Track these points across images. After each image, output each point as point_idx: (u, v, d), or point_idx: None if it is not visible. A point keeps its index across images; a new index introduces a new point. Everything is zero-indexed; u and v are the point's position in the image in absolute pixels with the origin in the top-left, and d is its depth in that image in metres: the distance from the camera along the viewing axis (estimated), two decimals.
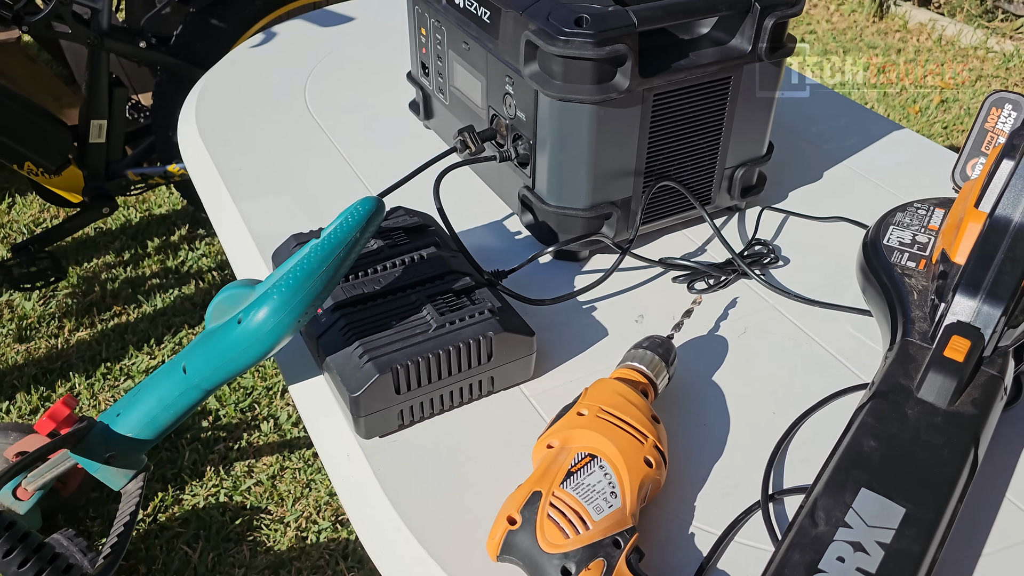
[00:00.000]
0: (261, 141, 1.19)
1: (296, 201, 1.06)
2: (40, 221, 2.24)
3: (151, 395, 0.78)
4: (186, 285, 2.05)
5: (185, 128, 1.25)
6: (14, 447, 1.41)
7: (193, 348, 0.75)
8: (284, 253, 0.85)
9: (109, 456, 0.80)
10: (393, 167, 1.13)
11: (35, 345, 1.87)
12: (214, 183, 1.11)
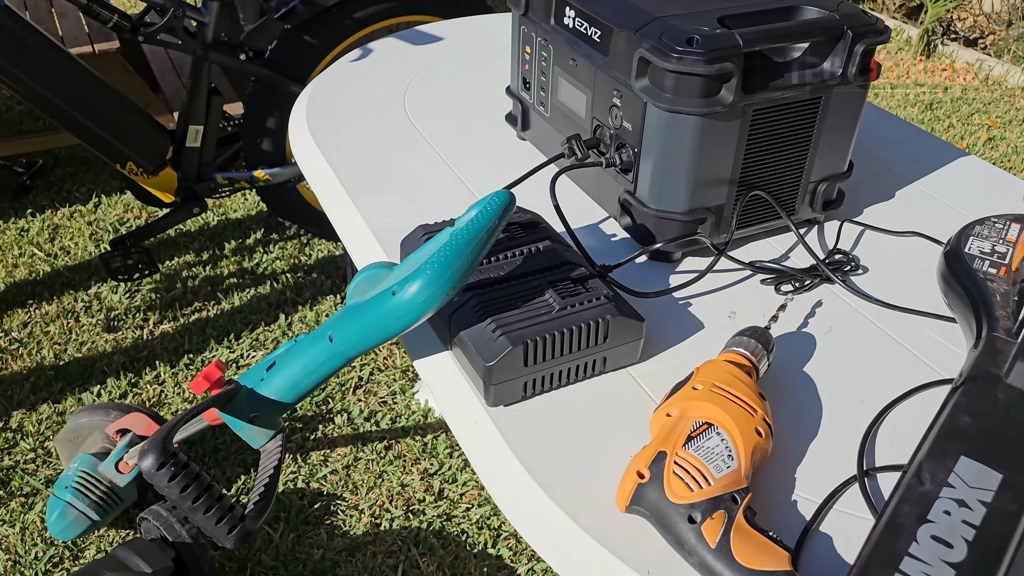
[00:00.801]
0: (368, 145, 1.29)
1: (406, 198, 1.15)
2: (124, 220, 2.37)
3: (296, 362, 0.87)
4: (261, 285, 2.15)
5: (297, 132, 1.35)
6: (116, 424, 1.51)
7: (340, 319, 0.84)
8: (413, 241, 0.94)
9: (253, 416, 0.89)
10: (491, 171, 1.22)
11: (122, 335, 1.97)
12: (330, 182, 1.21)
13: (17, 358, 1.90)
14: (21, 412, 1.77)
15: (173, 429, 0.80)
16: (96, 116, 1.75)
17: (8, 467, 1.65)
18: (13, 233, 2.30)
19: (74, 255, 2.23)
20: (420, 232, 0.94)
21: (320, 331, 0.86)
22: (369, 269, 0.87)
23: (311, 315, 2.06)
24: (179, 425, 0.83)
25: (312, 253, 2.29)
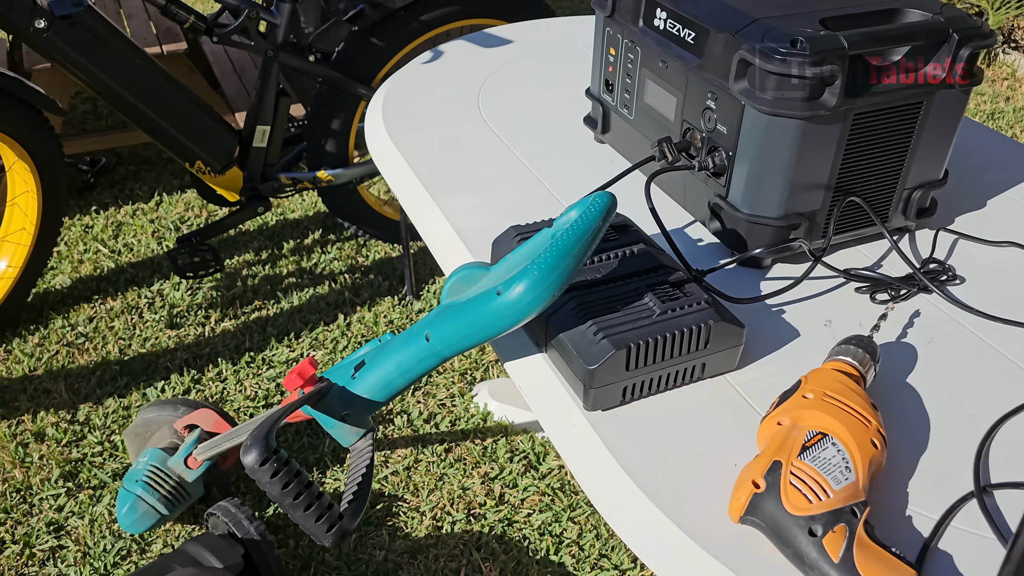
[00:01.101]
0: (446, 146, 1.28)
1: (487, 199, 1.15)
2: (185, 218, 2.40)
3: (389, 361, 0.87)
4: (320, 285, 2.16)
5: (375, 132, 1.35)
6: (184, 419, 1.52)
7: (437, 318, 0.83)
8: (506, 242, 0.93)
9: (344, 414, 0.88)
10: (570, 173, 1.21)
11: (184, 332, 1.99)
12: (411, 182, 1.21)
13: (84, 352, 1.93)
14: (88, 406, 1.79)
15: (275, 424, 0.79)
16: (170, 116, 1.78)
17: (77, 459, 1.67)
18: (78, 230, 2.33)
19: (137, 252, 2.26)
20: (512, 233, 0.94)
21: (415, 330, 0.86)
22: (464, 269, 0.87)
23: (369, 316, 2.07)
24: (280, 421, 0.83)
25: (369, 254, 2.30)
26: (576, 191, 1.16)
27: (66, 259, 2.22)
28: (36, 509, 1.58)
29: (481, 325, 0.78)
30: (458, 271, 0.87)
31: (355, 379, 0.87)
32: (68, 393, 1.82)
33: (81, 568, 1.48)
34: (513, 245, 0.91)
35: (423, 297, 2.15)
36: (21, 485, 1.62)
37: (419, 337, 0.84)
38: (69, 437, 1.72)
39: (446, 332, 0.82)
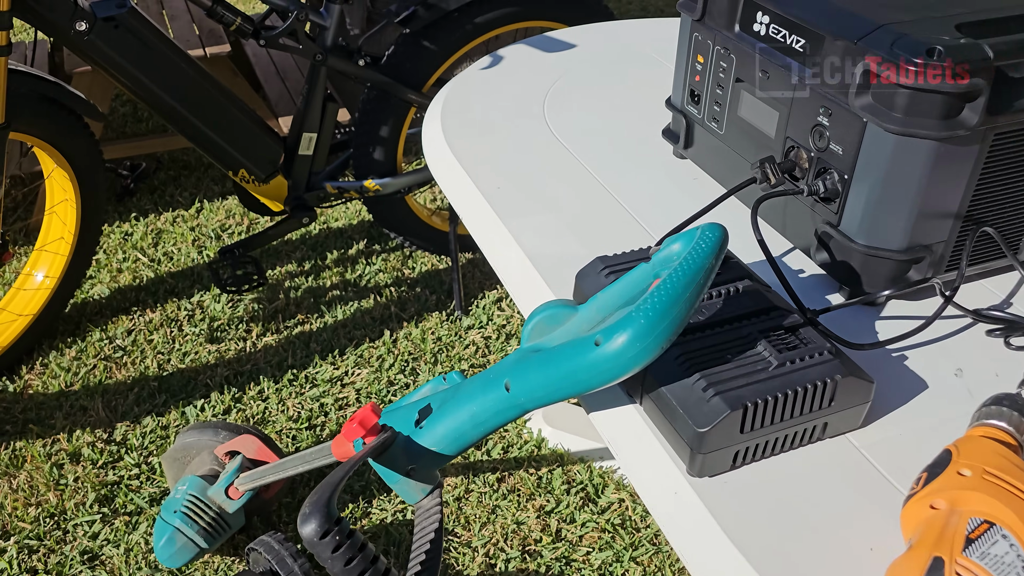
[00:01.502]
0: (511, 160, 1.18)
1: (560, 220, 1.04)
2: (226, 226, 2.33)
3: (461, 410, 0.77)
4: (365, 299, 2.08)
5: (434, 145, 1.25)
6: (225, 445, 1.43)
7: (520, 366, 0.73)
8: (593, 277, 0.82)
9: (410, 469, 0.78)
10: (650, 192, 1.10)
11: (225, 347, 1.92)
12: (476, 201, 1.11)
13: (121, 367, 1.86)
14: (125, 424, 1.72)
15: (336, 489, 0.70)
16: (213, 122, 1.70)
17: (112, 483, 1.60)
18: (117, 237, 2.27)
19: (177, 261, 2.19)
20: (599, 266, 0.83)
21: (492, 377, 0.76)
22: (548, 308, 0.76)
23: (416, 332, 1.97)
24: (342, 483, 0.73)
25: (416, 266, 2.21)
26: (659, 213, 1.05)
27: (105, 268, 2.16)
28: (70, 536, 1.51)
29: (574, 379, 0.68)
30: (542, 310, 0.76)
31: (422, 428, 0.78)
32: (105, 411, 1.75)
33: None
34: (603, 281, 0.80)
35: (472, 313, 2.05)
36: (55, 509, 1.54)
37: (497, 385, 0.74)
38: (105, 458, 1.64)
39: (531, 383, 0.71)
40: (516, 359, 0.75)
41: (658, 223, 1.03)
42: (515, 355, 0.76)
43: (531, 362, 0.72)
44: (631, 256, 0.84)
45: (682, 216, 1.03)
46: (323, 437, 1.71)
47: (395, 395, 1.82)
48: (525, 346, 0.76)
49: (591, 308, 0.75)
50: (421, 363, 1.90)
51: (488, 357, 1.92)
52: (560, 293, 0.91)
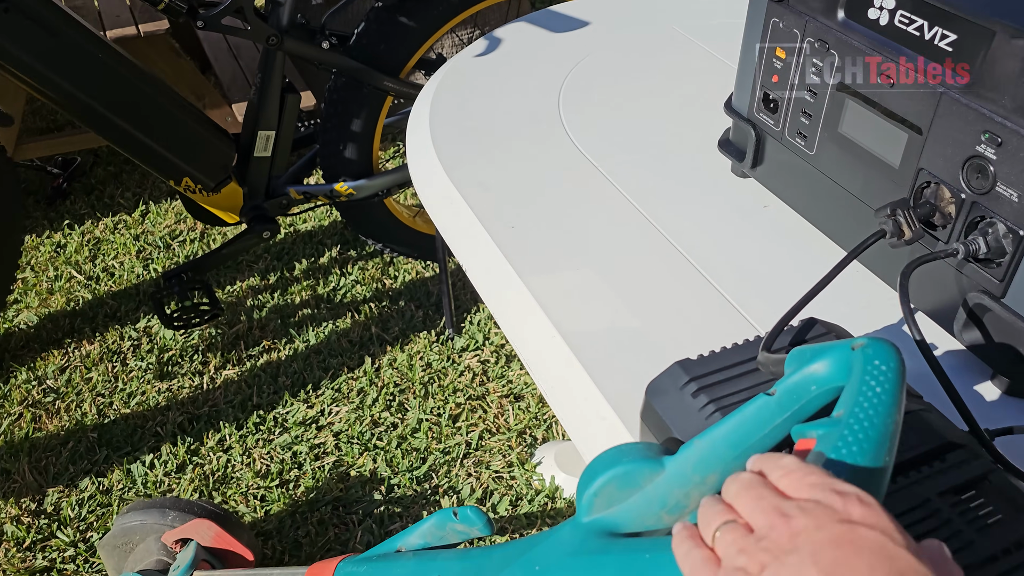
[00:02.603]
0: (525, 184, 0.91)
1: (601, 278, 0.77)
2: (176, 233, 2.02)
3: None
4: (341, 318, 1.80)
5: (422, 162, 0.97)
6: (174, 533, 1.17)
7: (586, 565, 0.47)
8: (672, 395, 0.55)
9: None
10: (713, 229, 0.83)
11: (178, 384, 1.64)
12: (483, 246, 0.83)
13: (53, 415, 1.57)
14: (58, 490, 1.44)
15: None
16: (144, 123, 1.39)
17: (42, 569, 1.32)
18: (48, 250, 1.96)
19: (119, 278, 1.89)
20: (681, 378, 0.56)
21: (543, 573, 0.50)
22: (624, 464, 0.49)
23: (402, 357, 1.70)
24: None
25: (398, 275, 1.93)
26: (727, 258, 0.79)
27: (33, 289, 1.85)
28: None
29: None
30: (612, 463, 0.49)
31: None
32: (33, 473, 1.46)
33: None
34: (690, 408, 0.53)
35: (466, 331, 1.78)
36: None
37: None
38: (33, 536, 1.37)
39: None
40: (576, 548, 0.48)
41: (729, 275, 0.77)
42: (569, 533, 0.49)
43: (607, 567, 0.46)
44: (727, 360, 0.56)
45: (757, 262, 0.77)
46: (296, 497, 1.44)
47: (380, 438, 1.55)
48: (587, 520, 0.50)
49: (686, 463, 0.48)
50: (409, 396, 1.63)
51: (487, 385, 1.66)
52: (615, 395, 0.65)
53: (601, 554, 0.47)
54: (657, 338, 0.71)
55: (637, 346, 0.70)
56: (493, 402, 1.64)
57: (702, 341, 0.65)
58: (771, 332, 0.56)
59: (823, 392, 0.48)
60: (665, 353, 0.69)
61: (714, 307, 0.74)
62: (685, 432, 0.51)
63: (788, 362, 0.50)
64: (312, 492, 1.45)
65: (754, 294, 0.74)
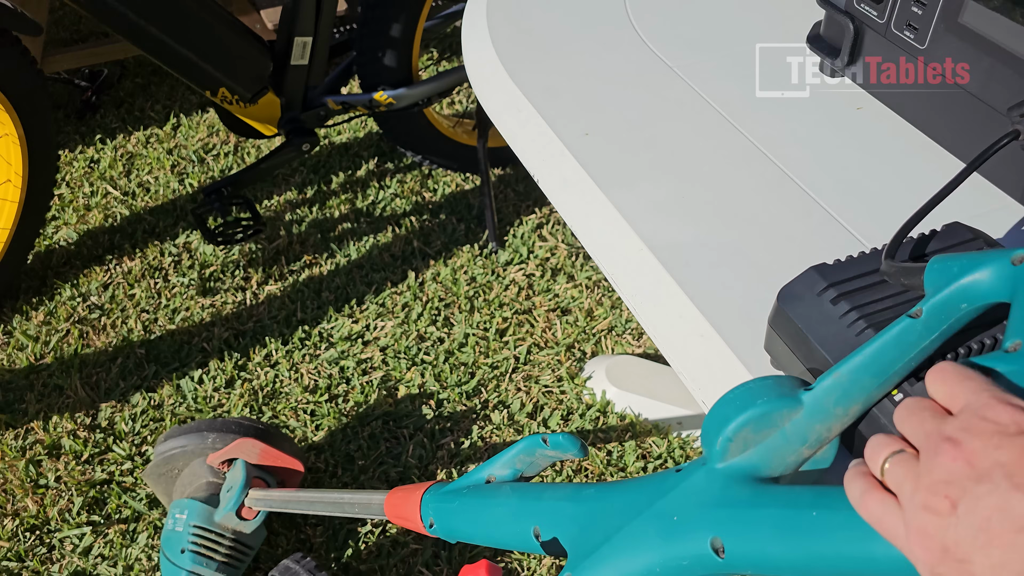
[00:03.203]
0: (596, 90, 0.85)
1: (686, 188, 0.72)
2: (210, 147, 1.98)
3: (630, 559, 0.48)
4: (381, 232, 1.76)
5: (483, 70, 0.91)
6: (219, 455, 1.16)
7: (733, 517, 0.43)
8: (809, 302, 0.50)
9: None
10: (803, 133, 0.78)
11: (221, 300, 1.62)
12: (556, 155, 0.78)
13: (100, 331, 1.57)
14: (110, 405, 1.44)
15: None
16: (180, 32, 1.33)
17: (101, 482, 1.34)
18: (82, 165, 1.93)
19: (155, 193, 1.85)
20: (818, 284, 0.51)
21: (680, 524, 0.46)
22: (756, 405, 0.45)
23: (446, 272, 1.67)
24: None
25: (437, 188, 1.88)
26: (826, 170, 0.73)
27: (70, 206, 1.82)
28: (57, 553, 1.26)
29: (855, 570, 0.39)
30: (744, 407, 0.45)
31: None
32: (85, 389, 1.47)
33: None
34: (839, 322, 0.49)
35: (509, 244, 1.74)
36: (36, 520, 1.29)
37: (696, 539, 0.44)
38: (90, 450, 1.37)
39: (766, 555, 0.42)
40: (720, 499, 0.45)
41: (826, 184, 0.72)
42: (705, 481, 0.46)
43: (765, 523, 0.42)
44: (865, 267, 0.51)
45: (857, 171, 0.72)
46: (346, 411, 1.44)
47: (427, 353, 1.53)
48: (721, 467, 0.46)
49: (827, 398, 0.44)
50: (455, 311, 1.61)
51: (533, 299, 1.63)
52: (713, 312, 0.61)
53: (753, 507, 0.43)
54: (753, 252, 0.66)
55: (732, 261, 0.66)
56: (540, 316, 1.61)
57: (804, 256, 0.61)
58: (895, 238, 0.51)
59: (972, 310, 0.44)
60: (763, 268, 0.65)
61: (813, 219, 0.69)
62: (824, 339, 0.47)
63: (929, 272, 0.45)
64: (361, 407, 1.45)
65: (857, 205, 0.70)
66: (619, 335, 1.59)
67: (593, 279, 1.68)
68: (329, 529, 1.28)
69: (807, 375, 0.50)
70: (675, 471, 0.50)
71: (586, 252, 1.73)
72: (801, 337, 0.49)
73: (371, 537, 1.28)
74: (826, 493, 0.41)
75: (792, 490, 0.42)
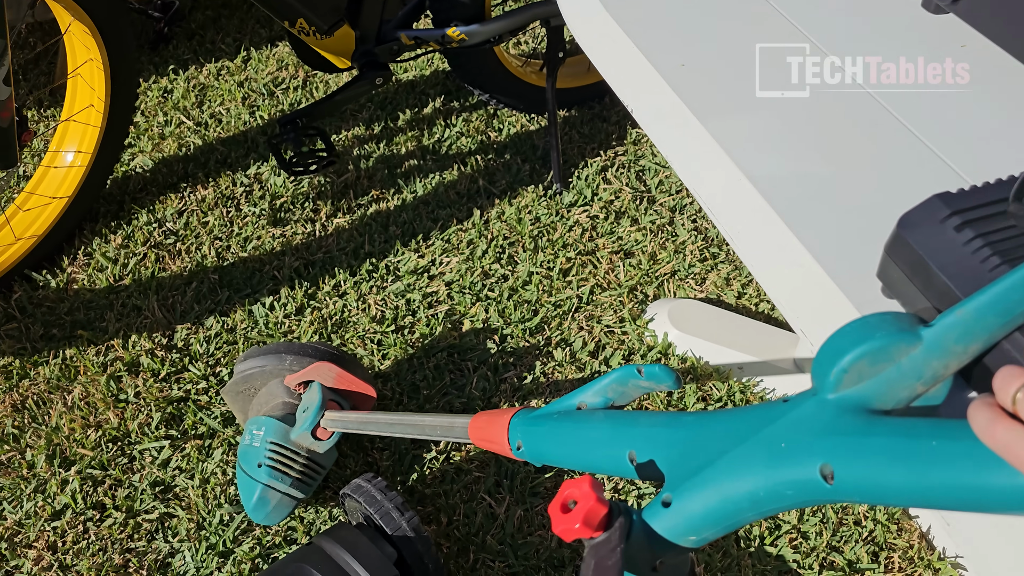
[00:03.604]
0: (689, 20, 0.85)
1: (786, 123, 0.72)
2: (279, 81, 2.00)
3: (732, 485, 0.49)
4: (447, 170, 1.77)
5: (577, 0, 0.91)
6: (297, 376, 1.20)
7: (844, 443, 0.44)
8: (930, 230, 0.51)
9: (659, 563, 0.53)
10: (906, 72, 0.77)
11: (291, 230, 1.66)
12: (654, 88, 0.78)
13: (176, 256, 1.62)
14: (186, 327, 1.49)
15: None
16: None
17: (178, 399, 1.39)
18: (156, 95, 1.96)
19: (226, 124, 1.88)
20: (941, 211, 0.51)
21: (785, 448, 0.47)
22: (874, 338, 0.45)
23: (510, 211, 1.68)
24: None
25: (502, 127, 1.88)
26: (929, 107, 0.73)
27: (145, 134, 1.87)
28: (137, 464, 1.32)
29: (967, 499, 0.40)
30: (860, 340, 0.46)
31: (668, 509, 0.51)
32: (162, 310, 1.52)
33: (196, 544, 1.23)
34: (963, 249, 0.49)
35: (574, 186, 1.74)
36: (118, 432, 1.35)
37: (803, 465, 0.45)
38: (167, 369, 1.43)
39: (877, 481, 0.43)
40: (830, 427, 0.46)
41: (928, 121, 0.71)
42: (815, 410, 0.47)
43: (879, 451, 0.43)
44: (989, 196, 0.51)
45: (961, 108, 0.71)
46: (412, 342, 1.47)
47: (491, 289, 1.56)
48: (833, 397, 0.47)
49: (948, 335, 0.45)
50: (519, 249, 1.62)
51: (596, 241, 1.64)
52: (813, 242, 0.61)
53: (865, 436, 0.44)
54: (854, 186, 0.66)
55: (832, 194, 0.66)
56: (603, 258, 1.62)
57: (909, 192, 0.61)
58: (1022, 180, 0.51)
59: None
60: (864, 202, 0.65)
61: (913, 156, 0.69)
62: (945, 267, 0.48)
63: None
64: (427, 339, 1.48)
65: (960, 143, 0.69)
66: (681, 279, 1.59)
67: (657, 223, 1.68)
68: (395, 454, 1.33)
69: (922, 301, 0.50)
70: (781, 401, 0.51)
71: (651, 196, 1.73)
72: (921, 265, 0.49)
73: (435, 463, 1.32)
74: (944, 424, 0.41)
75: (908, 421, 0.43)
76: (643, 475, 0.58)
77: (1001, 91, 0.74)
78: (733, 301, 1.57)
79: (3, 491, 1.28)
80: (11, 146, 1.30)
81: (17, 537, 1.24)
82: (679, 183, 1.76)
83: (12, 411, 1.38)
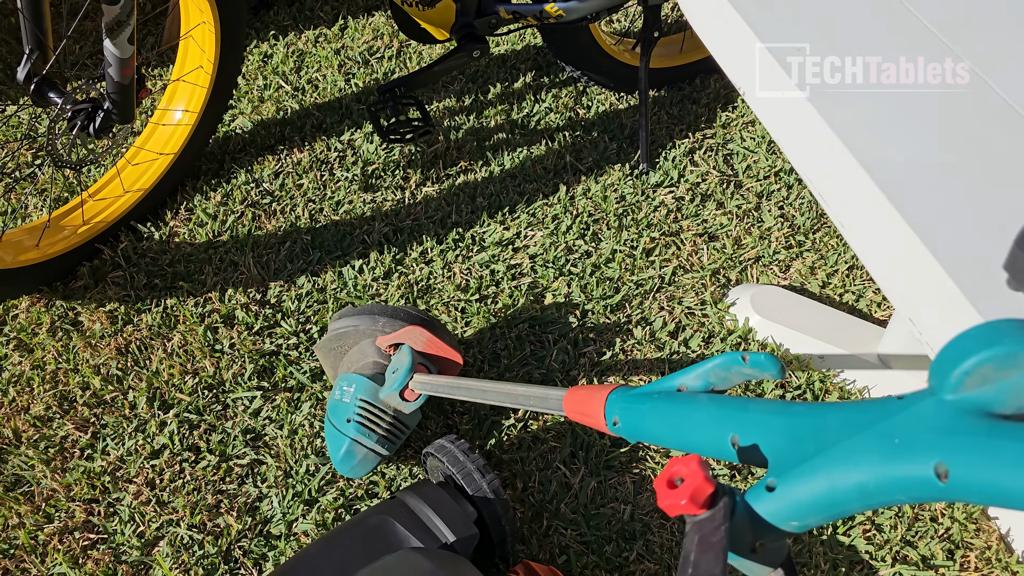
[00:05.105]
0: (804, 5, 0.85)
1: (904, 110, 0.72)
2: (374, 50, 2.04)
3: (842, 475, 0.50)
4: (535, 144, 1.79)
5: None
6: (388, 338, 1.24)
7: (964, 445, 0.45)
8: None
9: (758, 544, 0.54)
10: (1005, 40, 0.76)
11: (381, 196, 1.70)
12: (766, 68, 0.79)
13: (271, 216, 1.68)
14: (279, 284, 1.56)
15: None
16: None
17: (270, 352, 1.45)
18: (256, 59, 2.02)
19: (323, 91, 1.94)
20: None
21: (902, 446, 0.48)
22: (1003, 344, 0.44)
23: (596, 188, 1.70)
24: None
25: (591, 105, 1.89)
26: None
27: (245, 97, 1.93)
28: (231, 411, 1.39)
29: None
30: (988, 344, 0.45)
31: (773, 492, 0.53)
32: (257, 267, 1.58)
33: (283, 491, 1.29)
34: None
35: (660, 167, 1.74)
36: (213, 380, 1.42)
37: (919, 462, 0.46)
38: (261, 323, 1.49)
39: (995, 484, 0.43)
40: (949, 426, 0.46)
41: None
42: (934, 409, 0.47)
43: (998, 451, 0.43)
44: None
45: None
46: (495, 311, 1.50)
47: (574, 264, 1.58)
48: (952, 398, 0.47)
49: None
50: (603, 227, 1.64)
51: (681, 223, 1.64)
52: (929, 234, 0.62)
53: (988, 437, 0.44)
54: (972, 177, 0.66)
55: (949, 183, 0.66)
56: (687, 240, 1.62)
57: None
58: None
59: None
60: (983, 193, 0.64)
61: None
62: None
63: None
64: (509, 309, 1.51)
65: None
66: (765, 265, 1.59)
67: (743, 208, 1.67)
68: (475, 418, 1.37)
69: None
70: (896, 398, 0.51)
71: (738, 181, 1.72)
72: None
73: (512, 430, 1.36)
74: None
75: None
76: (744, 459, 0.59)
77: None
78: (817, 290, 1.56)
79: (107, 428, 1.37)
80: (131, 103, 1.36)
81: (119, 472, 1.32)
82: (767, 168, 1.75)
83: (117, 354, 1.46)
